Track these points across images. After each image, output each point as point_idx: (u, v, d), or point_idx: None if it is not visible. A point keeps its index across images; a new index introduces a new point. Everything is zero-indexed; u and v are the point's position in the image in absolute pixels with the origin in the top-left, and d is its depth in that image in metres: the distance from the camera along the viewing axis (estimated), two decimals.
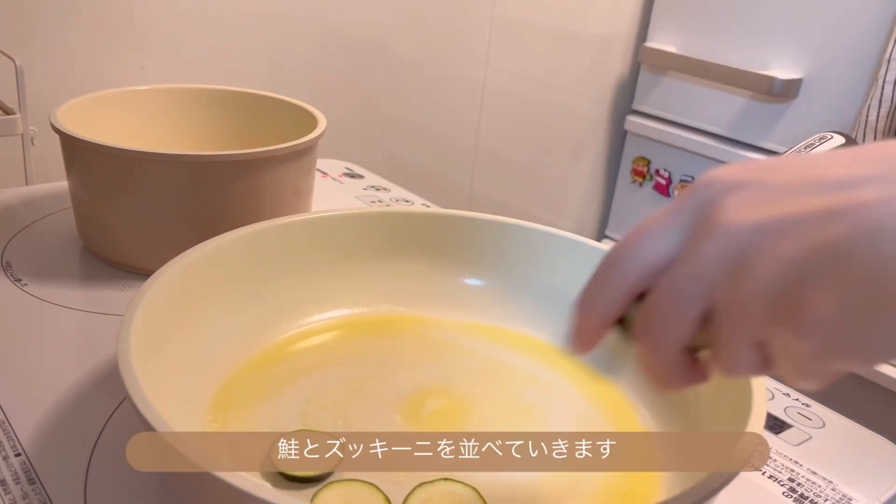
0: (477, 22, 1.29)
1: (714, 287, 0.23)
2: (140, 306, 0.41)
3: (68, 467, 0.41)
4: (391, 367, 0.51)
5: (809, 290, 0.20)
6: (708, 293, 0.23)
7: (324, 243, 0.56)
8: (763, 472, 0.47)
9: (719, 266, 0.23)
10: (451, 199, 1.38)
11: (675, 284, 0.24)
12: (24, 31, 0.86)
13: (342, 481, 0.40)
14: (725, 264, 0.23)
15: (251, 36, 1.05)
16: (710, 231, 0.23)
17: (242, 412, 0.45)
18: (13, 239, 0.67)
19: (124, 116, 0.73)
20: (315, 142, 0.66)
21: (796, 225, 0.21)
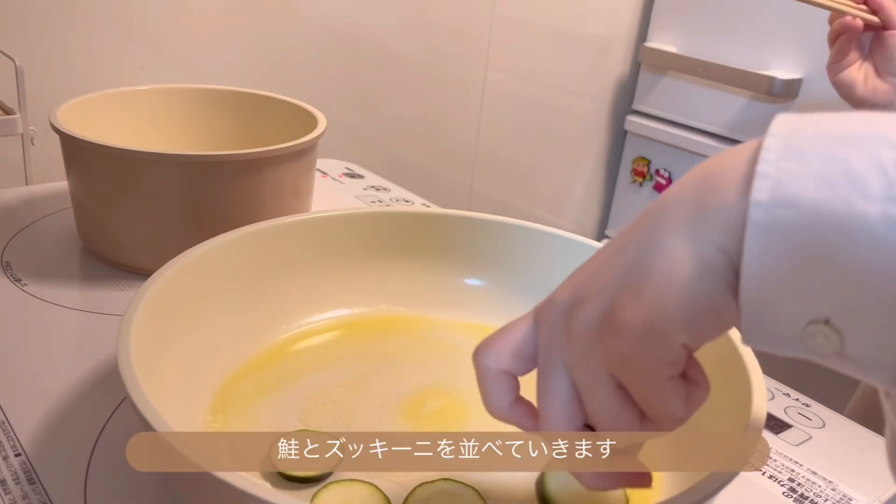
0: (477, 22, 1.29)
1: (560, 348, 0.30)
2: (140, 306, 0.41)
3: (68, 467, 0.41)
4: (391, 367, 0.51)
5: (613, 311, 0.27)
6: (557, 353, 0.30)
7: (324, 243, 0.56)
8: (763, 472, 0.47)
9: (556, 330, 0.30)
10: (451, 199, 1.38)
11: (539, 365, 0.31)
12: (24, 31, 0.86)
13: (342, 481, 0.40)
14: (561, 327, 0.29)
15: (251, 36, 1.05)
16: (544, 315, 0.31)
17: (242, 412, 0.45)
18: (13, 239, 0.67)
19: (124, 116, 0.73)
20: (315, 142, 0.66)
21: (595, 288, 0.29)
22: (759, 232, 0.24)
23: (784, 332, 0.25)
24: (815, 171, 0.23)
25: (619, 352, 0.27)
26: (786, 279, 0.24)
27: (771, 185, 0.24)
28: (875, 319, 0.23)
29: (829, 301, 0.23)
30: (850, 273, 0.23)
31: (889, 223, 0.22)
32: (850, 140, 0.23)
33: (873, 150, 0.23)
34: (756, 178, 0.24)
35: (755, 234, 0.24)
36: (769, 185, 0.24)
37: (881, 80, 0.72)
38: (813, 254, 0.23)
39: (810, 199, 0.23)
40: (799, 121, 0.25)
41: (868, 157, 0.23)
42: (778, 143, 0.24)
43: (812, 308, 0.24)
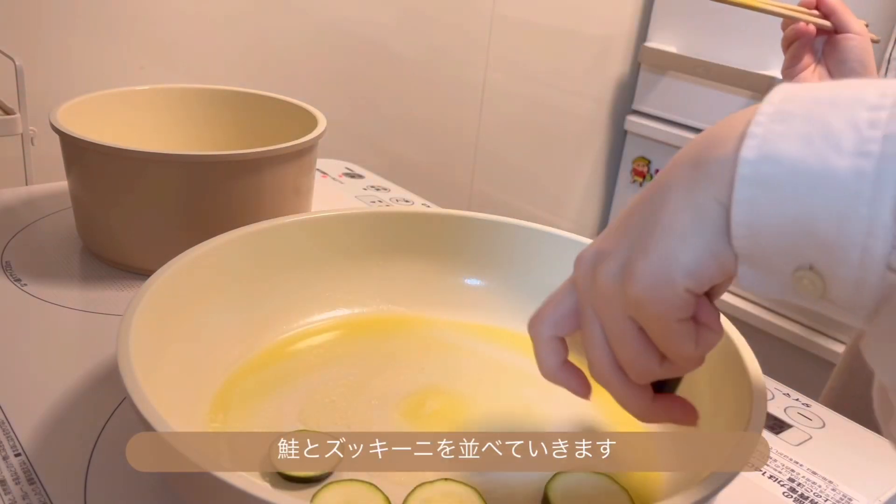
0: (477, 22, 1.29)
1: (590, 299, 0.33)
2: (140, 306, 0.41)
3: (68, 467, 0.41)
4: (391, 367, 0.51)
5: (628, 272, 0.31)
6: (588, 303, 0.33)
7: (324, 243, 0.56)
8: (763, 472, 0.47)
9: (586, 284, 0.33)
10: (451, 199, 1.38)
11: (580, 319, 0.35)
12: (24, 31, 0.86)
13: (342, 481, 0.40)
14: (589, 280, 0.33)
15: (251, 36, 1.05)
16: (577, 273, 0.34)
17: (242, 412, 0.45)
18: (13, 239, 0.67)
19: (124, 116, 0.73)
20: (315, 142, 0.66)
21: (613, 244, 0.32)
22: (745, 185, 0.26)
23: (774, 277, 0.27)
24: (797, 130, 0.26)
25: (634, 298, 0.30)
26: (771, 228, 0.26)
27: (758, 143, 0.26)
28: (850, 263, 0.25)
29: (811, 248, 0.26)
30: (826, 222, 0.25)
31: (858, 175, 0.24)
32: (833, 103, 0.26)
33: (851, 111, 0.25)
34: (746, 138, 0.27)
35: (742, 187, 0.26)
36: (756, 143, 0.26)
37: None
38: (795, 205, 0.25)
39: (791, 156, 0.25)
40: (794, 89, 0.27)
41: (845, 117, 0.25)
42: (771, 108, 0.27)
43: (798, 255, 0.26)
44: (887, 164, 0.24)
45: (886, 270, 0.25)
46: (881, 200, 0.24)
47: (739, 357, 0.42)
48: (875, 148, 0.24)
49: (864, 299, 0.26)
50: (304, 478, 0.40)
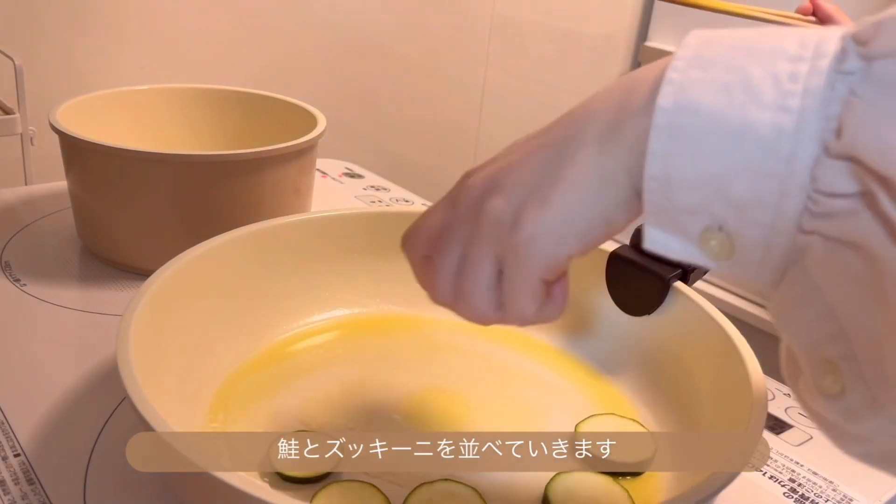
0: (477, 22, 1.29)
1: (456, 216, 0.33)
2: (140, 306, 0.41)
3: (68, 467, 0.41)
4: (391, 367, 0.51)
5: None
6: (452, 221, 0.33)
7: (323, 243, 0.56)
8: (763, 472, 0.47)
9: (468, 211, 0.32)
10: None
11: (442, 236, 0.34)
12: (24, 31, 0.86)
13: (342, 482, 0.40)
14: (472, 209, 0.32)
15: (251, 36, 1.05)
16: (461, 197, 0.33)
17: (242, 412, 0.45)
18: (13, 239, 0.67)
19: (124, 116, 0.73)
20: (315, 142, 0.66)
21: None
22: (660, 136, 0.25)
23: (682, 236, 0.26)
24: (716, 78, 0.24)
25: (516, 243, 0.30)
26: (685, 183, 0.25)
27: (674, 90, 0.25)
28: (761, 223, 0.24)
29: (722, 206, 0.25)
30: (742, 178, 0.24)
31: (776, 130, 0.23)
32: (753, 51, 0.24)
33: (771, 62, 0.24)
34: (663, 84, 0.25)
35: (657, 137, 0.25)
36: (673, 90, 0.25)
37: None
38: (710, 160, 0.24)
39: (709, 105, 0.24)
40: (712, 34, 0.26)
41: (765, 68, 0.24)
42: (688, 52, 0.25)
43: (708, 213, 0.25)
44: (806, 120, 0.23)
45: (797, 232, 0.24)
46: (799, 158, 0.23)
47: (739, 357, 0.42)
48: (795, 102, 0.23)
49: (772, 261, 0.25)
50: (303, 478, 0.40)
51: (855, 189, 0.22)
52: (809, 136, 0.23)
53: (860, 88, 0.22)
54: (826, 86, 0.23)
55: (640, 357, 0.51)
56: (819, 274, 0.24)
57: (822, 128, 0.23)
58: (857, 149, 0.22)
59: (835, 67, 0.23)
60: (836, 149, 0.22)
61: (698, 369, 0.47)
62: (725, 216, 0.25)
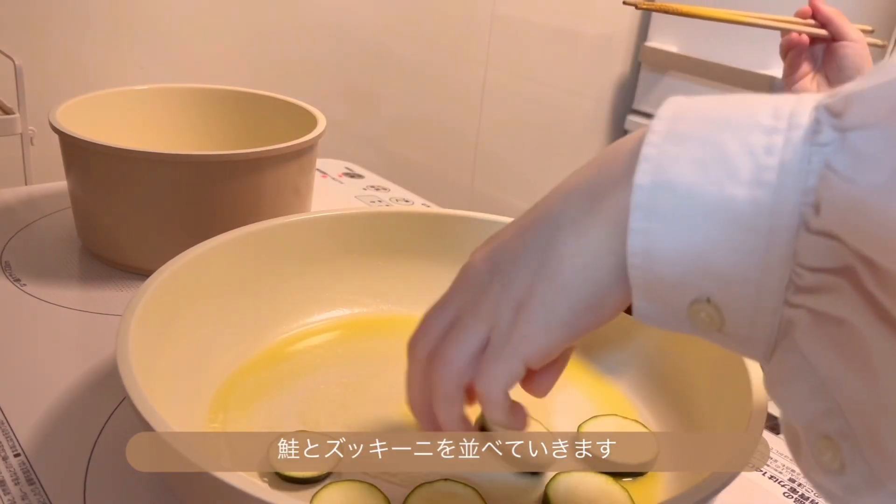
0: (477, 22, 1.29)
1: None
2: (140, 306, 0.41)
3: (68, 467, 0.41)
4: (391, 367, 0.51)
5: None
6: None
7: (323, 243, 0.56)
8: (763, 472, 0.47)
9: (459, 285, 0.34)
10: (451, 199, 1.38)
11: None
12: (23, 31, 0.86)
13: (342, 482, 0.40)
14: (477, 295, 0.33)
15: (251, 36, 1.05)
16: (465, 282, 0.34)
17: (242, 412, 0.45)
18: (13, 239, 0.67)
19: (124, 116, 0.73)
20: (315, 142, 0.66)
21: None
22: (641, 214, 0.25)
23: (671, 309, 0.26)
24: (692, 154, 0.24)
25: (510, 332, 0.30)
26: (667, 259, 0.25)
27: (652, 168, 0.25)
28: (747, 296, 0.24)
29: (707, 280, 0.24)
30: (723, 253, 0.24)
31: (755, 206, 0.23)
32: (727, 124, 0.24)
33: (746, 134, 0.23)
34: (640, 161, 0.25)
35: (637, 216, 0.25)
36: (650, 168, 0.25)
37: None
38: (691, 236, 0.24)
39: (686, 182, 0.24)
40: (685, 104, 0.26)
41: (741, 141, 0.23)
42: (663, 126, 0.25)
43: (694, 287, 0.25)
44: (784, 195, 0.22)
45: (783, 306, 0.24)
46: (779, 233, 0.23)
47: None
48: (772, 177, 0.23)
49: (761, 334, 0.25)
50: (303, 478, 0.40)
51: (837, 264, 0.22)
52: (788, 211, 0.22)
53: (835, 161, 0.22)
54: (802, 159, 0.22)
55: (640, 358, 0.51)
56: (809, 348, 0.24)
57: (800, 201, 0.22)
58: (836, 227, 0.22)
59: (809, 139, 0.22)
60: (816, 225, 0.22)
61: (699, 370, 0.47)
62: (710, 289, 0.25)
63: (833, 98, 0.23)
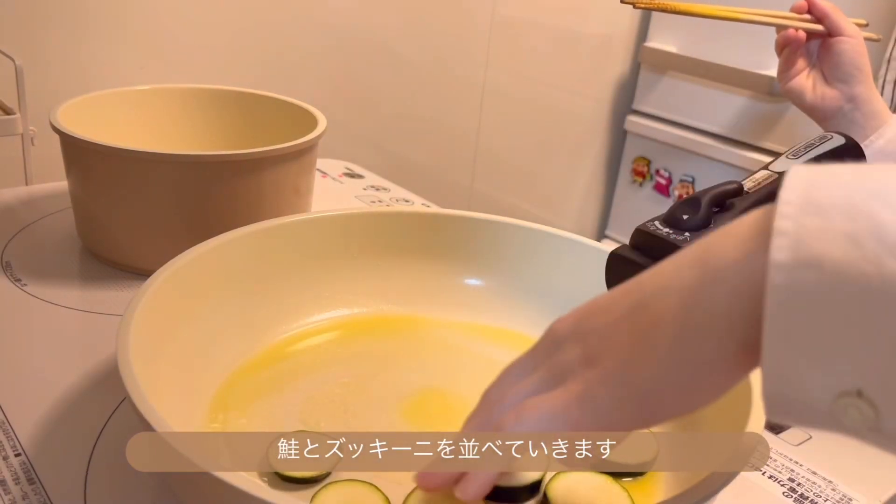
0: (477, 22, 1.29)
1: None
2: (140, 306, 0.41)
3: (68, 467, 0.41)
4: (391, 367, 0.51)
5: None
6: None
7: (323, 243, 0.56)
8: (763, 472, 0.47)
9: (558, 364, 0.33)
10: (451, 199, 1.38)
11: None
12: (24, 31, 0.86)
13: (341, 482, 0.40)
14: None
15: (251, 36, 1.05)
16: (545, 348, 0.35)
17: (242, 412, 0.45)
18: (13, 239, 0.67)
19: (124, 116, 0.73)
20: (315, 142, 0.66)
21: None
22: (779, 296, 0.22)
23: (812, 405, 0.23)
24: (838, 227, 0.21)
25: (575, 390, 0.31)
26: (811, 347, 0.22)
27: (790, 243, 0.22)
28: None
29: (860, 370, 0.21)
30: (882, 339, 0.21)
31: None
32: (876, 193, 0.21)
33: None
34: (774, 236, 0.22)
35: (775, 299, 0.22)
36: (788, 243, 0.22)
37: (829, 86, 0.73)
38: (841, 319, 0.21)
39: (834, 258, 0.21)
40: (816, 171, 0.23)
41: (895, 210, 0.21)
42: (795, 197, 0.22)
43: (842, 379, 0.22)
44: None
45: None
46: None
47: None
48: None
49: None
50: (303, 478, 0.40)
51: None
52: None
53: None
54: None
55: None
56: None
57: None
58: None
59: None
60: None
61: None
62: (864, 381, 0.22)
63: None
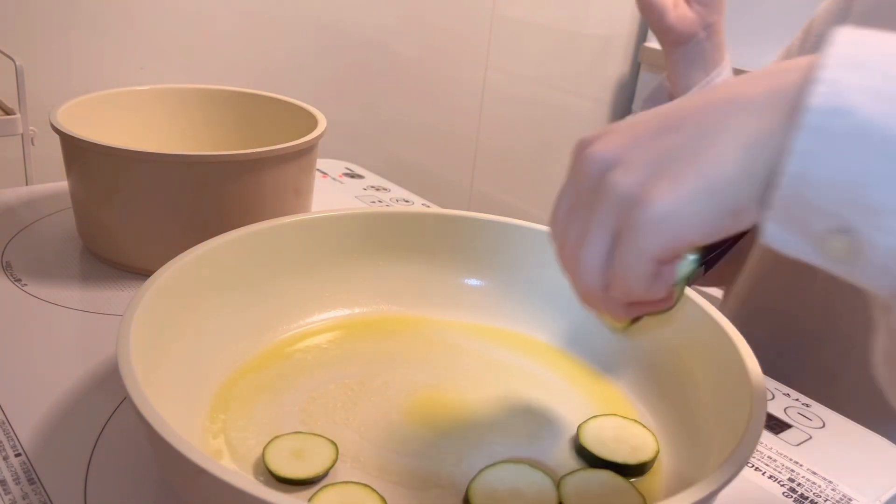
0: (477, 22, 1.29)
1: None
2: (140, 306, 0.41)
3: (68, 467, 0.41)
4: (391, 367, 0.51)
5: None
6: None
7: (323, 243, 0.56)
8: (763, 472, 0.47)
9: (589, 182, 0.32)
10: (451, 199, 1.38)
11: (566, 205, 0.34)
12: (24, 31, 0.86)
13: (338, 484, 0.40)
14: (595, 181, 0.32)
15: (251, 36, 1.05)
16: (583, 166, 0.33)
17: (242, 412, 0.45)
18: (13, 239, 0.67)
19: (124, 116, 0.73)
20: (315, 142, 0.66)
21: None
22: (809, 135, 0.25)
23: (804, 237, 0.26)
24: (873, 85, 0.24)
25: (636, 220, 0.29)
26: (822, 184, 0.25)
27: (828, 91, 0.24)
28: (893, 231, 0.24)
29: (857, 211, 0.25)
30: (882, 188, 0.24)
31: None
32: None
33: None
34: (814, 83, 0.25)
35: (805, 137, 0.25)
36: (826, 90, 0.24)
37: (689, 8, 0.71)
38: (855, 166, 0.24)
39: (864, 112, 0.24)
40: (862, 33, 0.25)
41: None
42: (841, 50, 0.25)
43: (838, 216, 0.25)
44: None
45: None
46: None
47: (739, 357, 0.43)
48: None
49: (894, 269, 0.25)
50: (302, 479, 0.40)
51: None
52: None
53: None
54: None
55: (640, 357, 0.51)
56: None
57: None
58: None
59: None
60: None
61: (698, 369, 0.47)
62: (856, 220, 0.25)
63: None
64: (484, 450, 0.44)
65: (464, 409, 0.48)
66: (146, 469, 0.41)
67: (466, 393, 0.49)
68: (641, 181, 0.29)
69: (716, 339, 0.46)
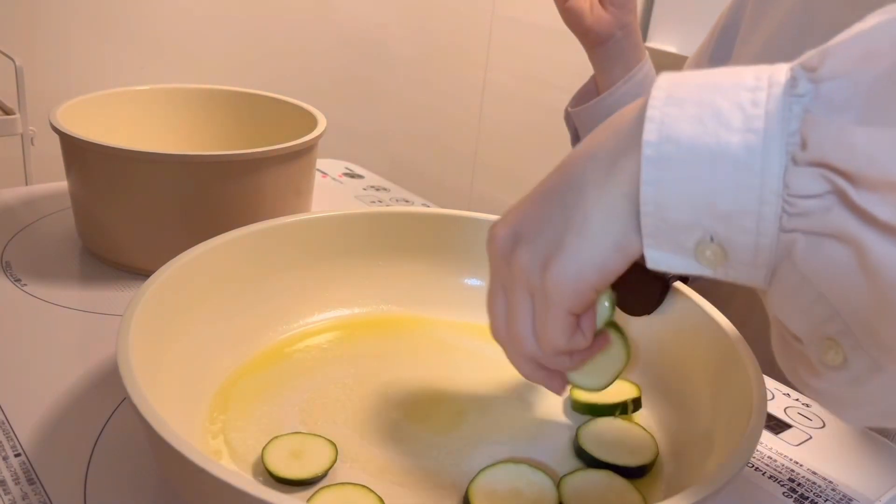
0: (477, 22, 1.29)
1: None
2: (140, 306, 0.41)
3: (68, 467, 0.41)
4: (391, 367, 0.51)
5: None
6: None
7: (323, 243, 0.56)
8: (763, 472, 0.47)
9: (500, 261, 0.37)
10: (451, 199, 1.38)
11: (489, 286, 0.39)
12: (24, 31, 0.86)
13: (337, 485, 0.40)
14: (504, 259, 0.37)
15: (251, 36, 1.05)
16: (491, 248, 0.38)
17: (242, 412, 0.45)
18: (13, 239, 0.67)
19: (124, 116, 0.73)
20: (315, 142, 0.66)
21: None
22: (650, 166, 0.29)
23: (679, 252, 0.30)
24: (690, 113, 0.29)
25: (542, 288, 0.34)
26: (676, 205, 0.29)
27: (657, 126, 0.29)
28: (748, 229, 0.28)
29: (711, 220, 0.28)
30: (724, 194, 0.28)
31: (748, 149, 0.27)
32: (717, 88, 0.29)
33: (734, 94, 0.28)
34: (645, 122, 0.29)
35: (647, 167, 0.29)
36: (655, 126, 0.29)
37: (605, 10, 0.75)
38: (695, 181, 0.28)
39: (687, 135, 0.28)
40: (678, 76, 0.30)
41: (730, 99, 0.28)
42: (662, 94, 0.30)
43: (700, 228, 0.29)
44: (771, 137, 0.27)
45: (780, 232, 0.27)
46: (769, 170, 0.27)
47: (739, 357, 0.43)
48: (759, 125, 0.27)
49: (762, 261, 0.29)
50: (301, 480, 0.40)
51: (825, 189, 0.26)
52: (776, 150, 0.27)
53: (812, 107, 0.26)
54: (783, 107, 0.27)
55: (640, 357, 0.51)
56: (805, 266, 0.27)
57: (786, 142, 0.27)
58: (825, 155, 0.26)
59: (788, 92, 0.27)
60: (804, 158, 0.26)
61: (698, 369, 0.47)
62: (715, 228, 0.29)
63: (807, 57, 0.27)
64: (484, 450, 0.44)
65: (464, 409, 0.48)
66: (146, 469, 0.41)
67: (466, 393, 0.49)
68: (539, 252, 0.34)
69: (716, 340, 0.46)
